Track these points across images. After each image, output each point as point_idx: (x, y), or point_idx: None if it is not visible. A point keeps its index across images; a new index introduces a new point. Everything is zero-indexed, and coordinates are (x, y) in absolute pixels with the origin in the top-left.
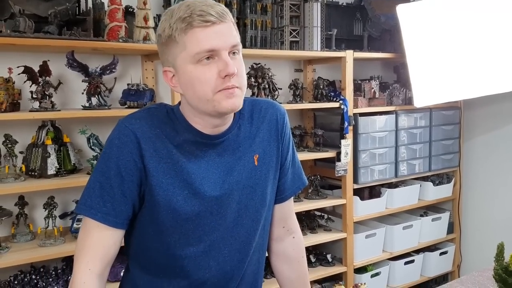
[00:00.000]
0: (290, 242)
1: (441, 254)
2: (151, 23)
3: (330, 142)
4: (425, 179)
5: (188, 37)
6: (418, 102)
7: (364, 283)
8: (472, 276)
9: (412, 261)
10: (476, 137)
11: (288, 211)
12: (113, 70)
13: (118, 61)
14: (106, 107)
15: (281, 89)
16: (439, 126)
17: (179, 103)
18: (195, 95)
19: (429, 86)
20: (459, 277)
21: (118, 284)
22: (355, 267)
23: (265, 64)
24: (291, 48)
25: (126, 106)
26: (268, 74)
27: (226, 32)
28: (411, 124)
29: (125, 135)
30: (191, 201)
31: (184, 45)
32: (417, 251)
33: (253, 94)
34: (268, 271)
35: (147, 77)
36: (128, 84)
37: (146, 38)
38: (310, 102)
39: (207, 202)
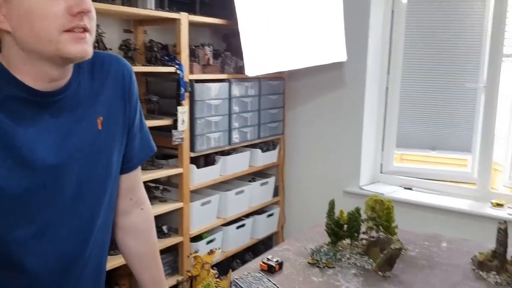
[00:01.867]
0: (138, 214)
1: (268, 216)
2: None
3: (164, 110)
4: (254, 146)
5: None
6: (249, 71)
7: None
8: (304, 233)
9: (243, 225)
10: (298, 106)
11: (136, 181)
12: None
13: None
14: None
15: (111, 49)
16: (266, 95)
17: None
18: (33, 32)
19: (259, 56)
20: (282, 236)
21: None
22: (191, 236)
23: None
24: (123, 5)
25: None
26: (97, 31)
27: None
28: (242, 93)
29: None
30: (17, 172)
31: None
32: (248, 215)
33: None
34: (112, 246)
35: None
36: None
37: None
38: (143, 65)
39: (39, 174)
